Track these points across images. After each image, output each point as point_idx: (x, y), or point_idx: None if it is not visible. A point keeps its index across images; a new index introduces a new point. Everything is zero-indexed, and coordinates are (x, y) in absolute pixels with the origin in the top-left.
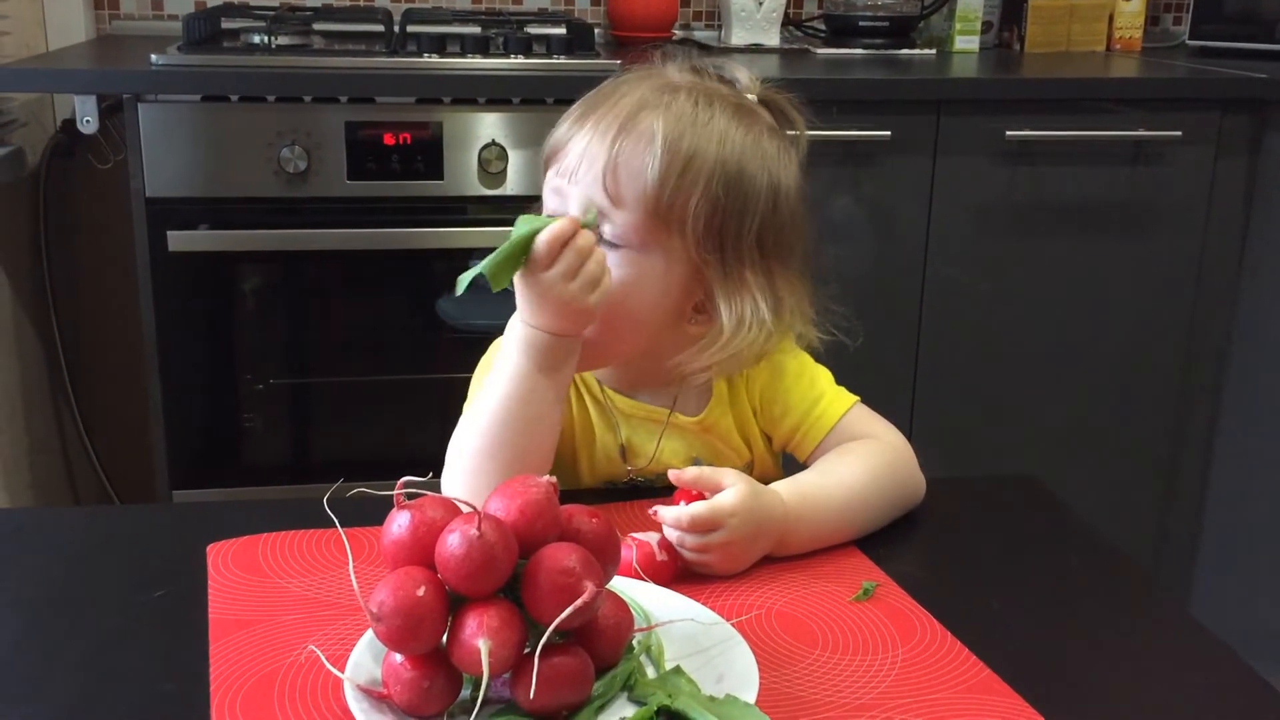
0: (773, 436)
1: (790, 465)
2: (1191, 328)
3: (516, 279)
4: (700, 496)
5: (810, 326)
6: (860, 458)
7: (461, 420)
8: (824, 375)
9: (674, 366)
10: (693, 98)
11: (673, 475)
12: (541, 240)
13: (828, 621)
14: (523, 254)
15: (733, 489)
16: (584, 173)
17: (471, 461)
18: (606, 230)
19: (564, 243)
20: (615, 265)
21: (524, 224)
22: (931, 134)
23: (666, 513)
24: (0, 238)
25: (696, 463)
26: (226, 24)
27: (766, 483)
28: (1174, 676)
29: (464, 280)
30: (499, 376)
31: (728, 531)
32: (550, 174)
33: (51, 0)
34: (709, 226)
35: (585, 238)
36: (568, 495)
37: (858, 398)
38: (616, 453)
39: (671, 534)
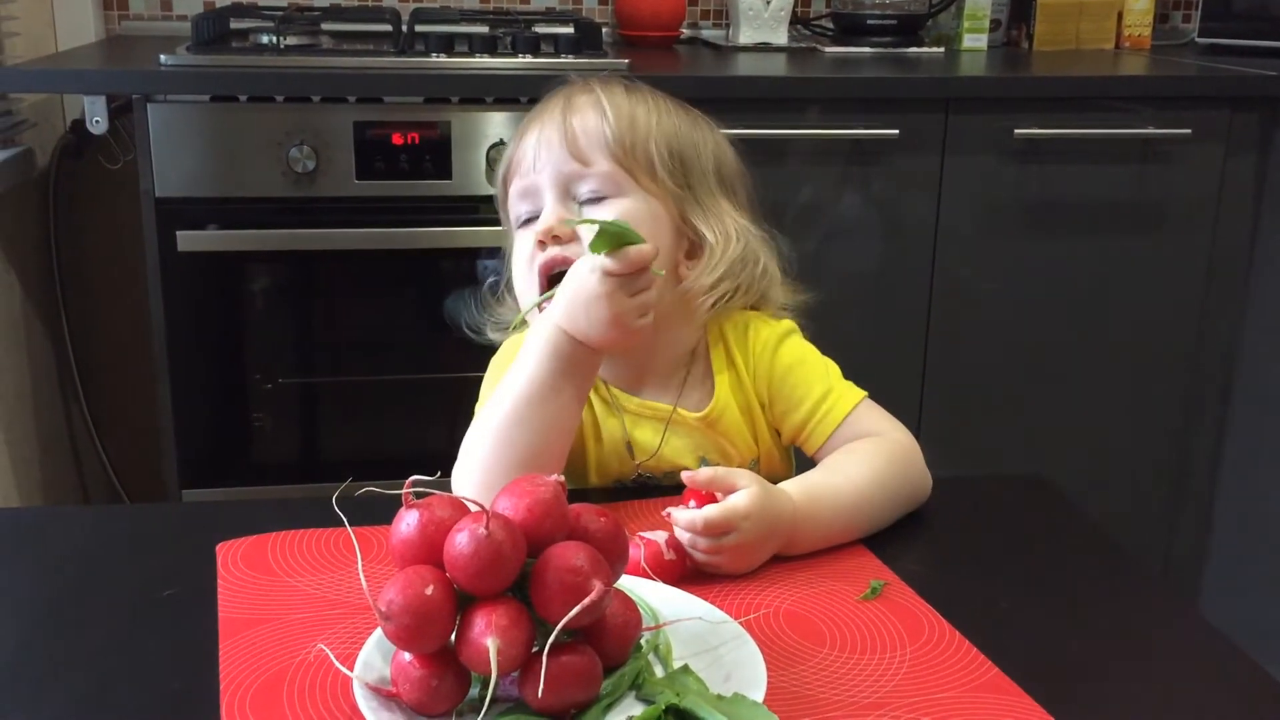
0: (782, 431)
1: (800, 460)
2: (1201, 326)
3: (585, 273)
4: (712, 497)
5: (787, 291)
6: (868, 456)
7: (475, 421)
8: (833, 369)
9: (681, 299)
10: (615, 82)
11: (685, 476)
12: (631, 250)
13: (836, 620)
14: (609, 247)
15: (745, 491)
16: (545, 158)
17: (483, 461)
18: (584, 189)
19: (644, 265)
20: (617, 210)
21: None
22: (940, 132)
23: (680, 515)
24: (10, 237)
25: (705, 463)
26: (235, 24)
27: (774, 479)
28: (1183, 676)
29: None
30: (517, 377)
31: (740, 534)
32: (513, 186)
33: (61, 1)
34: (672, 159)
35: (651, 275)
36: (576, 494)
37: (865, 392)
38: (624, 449)
39: (683, 535)
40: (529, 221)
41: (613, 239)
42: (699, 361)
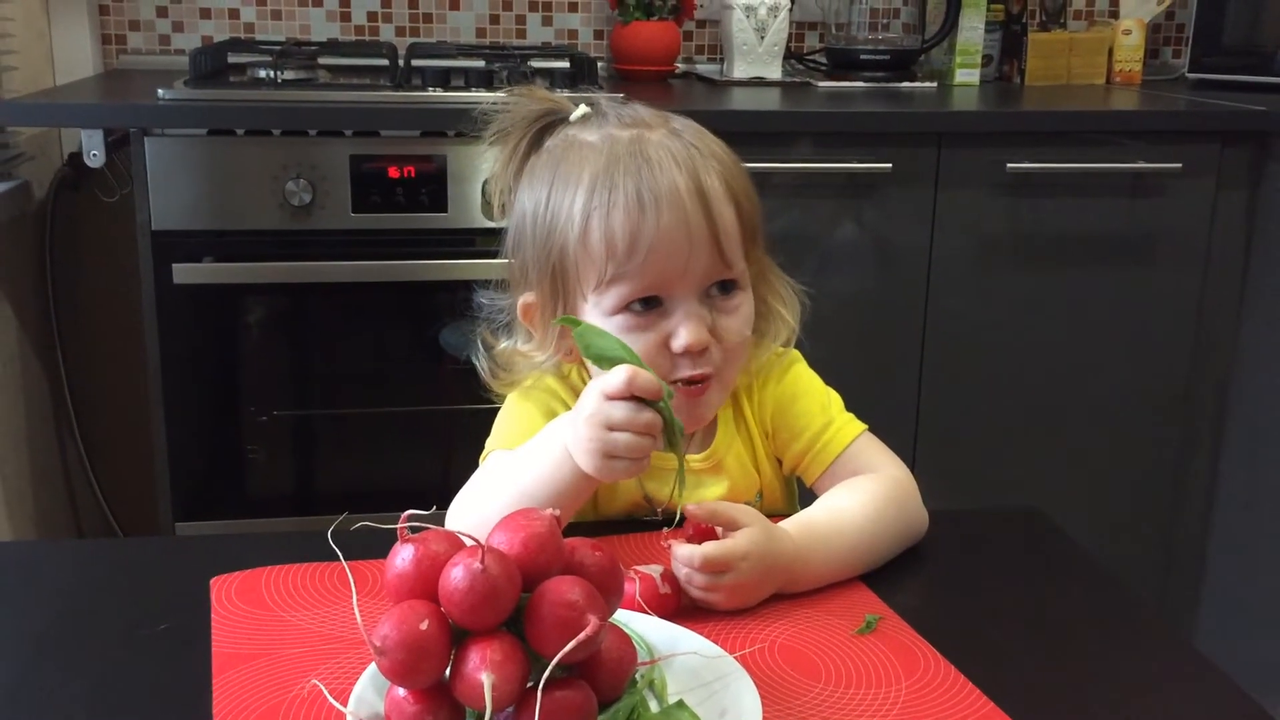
0: (783, 460)
1: (800, 491)
2: (1193, 360)
3: (592, 389)
4: (713, 532)
5: (795, 317)
6: (868, 495)
7: (484, 473)
8: (835, 400)
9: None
10: (677, 134)
11: (688, 509)
12: (637, 372)
13: (831, 655)
14: (604, 361)
15: (746, 531)
16: (694, 257)
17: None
18: (716, 287)
19: (639, 395)
20: (743, 306)
21: (617, 345)
22: (932, 166)
23: (679, 550)
24: (7, 270)
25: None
26: (233, 59)
27: (776, 511)
28: (1178, 710)
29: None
30: (539, 453)
31: (737, 574)
32: (622, 266)
33: (59, 36)
34: (758, 226)
35: (653, 414)
36: (584, 527)
37: (866, 426)
38: (640, 500)
39: (680, 570)
40: (635, 305)
41: (614, 352)
42: None
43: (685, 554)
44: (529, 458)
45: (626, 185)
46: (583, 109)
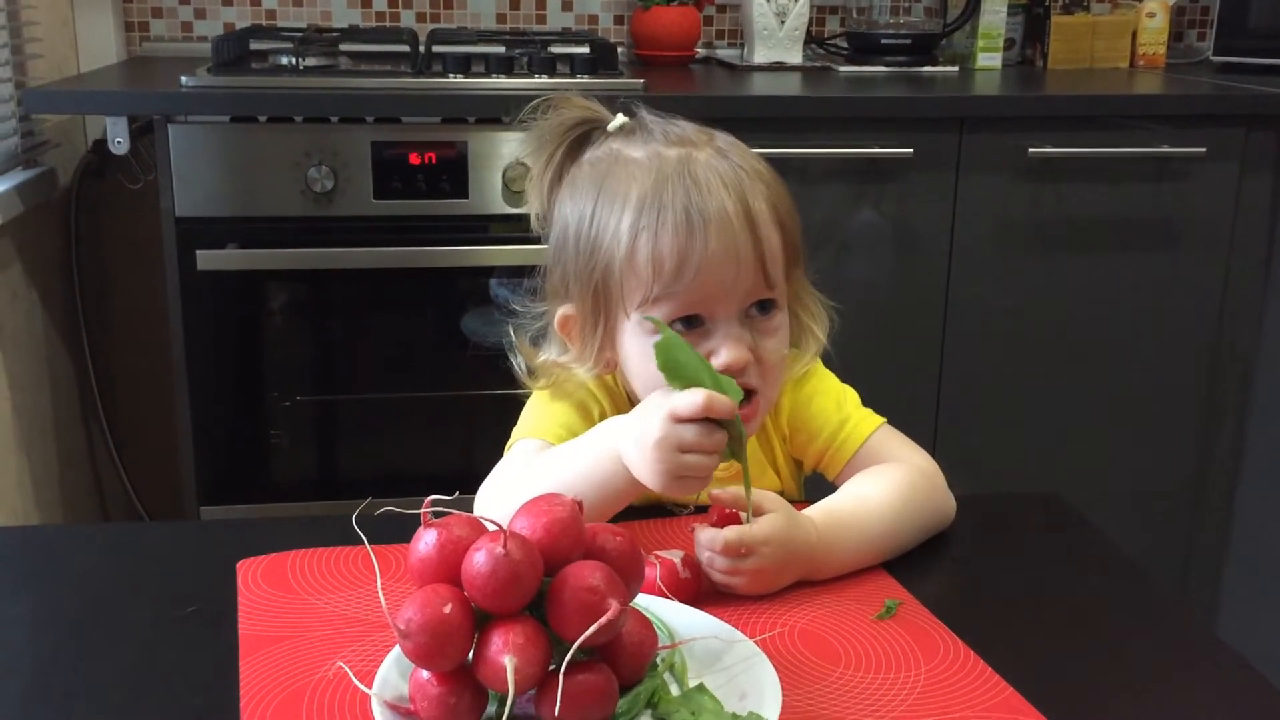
0: (804, 461)
1: (820, 486)
2: (1217, 345)
3: (653, 407)
4: (735, 517)
5: (824, 332)
6: (891, 483)
7: (519, 464)
8: (851, 396)
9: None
10: (723, 154)
11: (712, 494)
12: (713, 397)
13: (850, 639)
14: (678, 378)
15: (769, 517)
16: (737, 277)
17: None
18: (756, 307)
19: (712, 417)
20: (782, 326)
21: (697, 362)
22: (954, 151)
23: (701, 534)
24: (32, 257)
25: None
26: (255, 46)
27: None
28: (1199, 697)
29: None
30: (588, 457)
31: (759, 559)
32: (669, 286)
33: (83, 23)
34: (800, 248)
35: (721, 436)
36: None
37: (884, 419)
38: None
39: (703, 554)
40: (677, 324)
41: (692, 371)
42: None
43: (707, 537)
44: (576, 459)
45: (675, 206)
46: (620, 119)
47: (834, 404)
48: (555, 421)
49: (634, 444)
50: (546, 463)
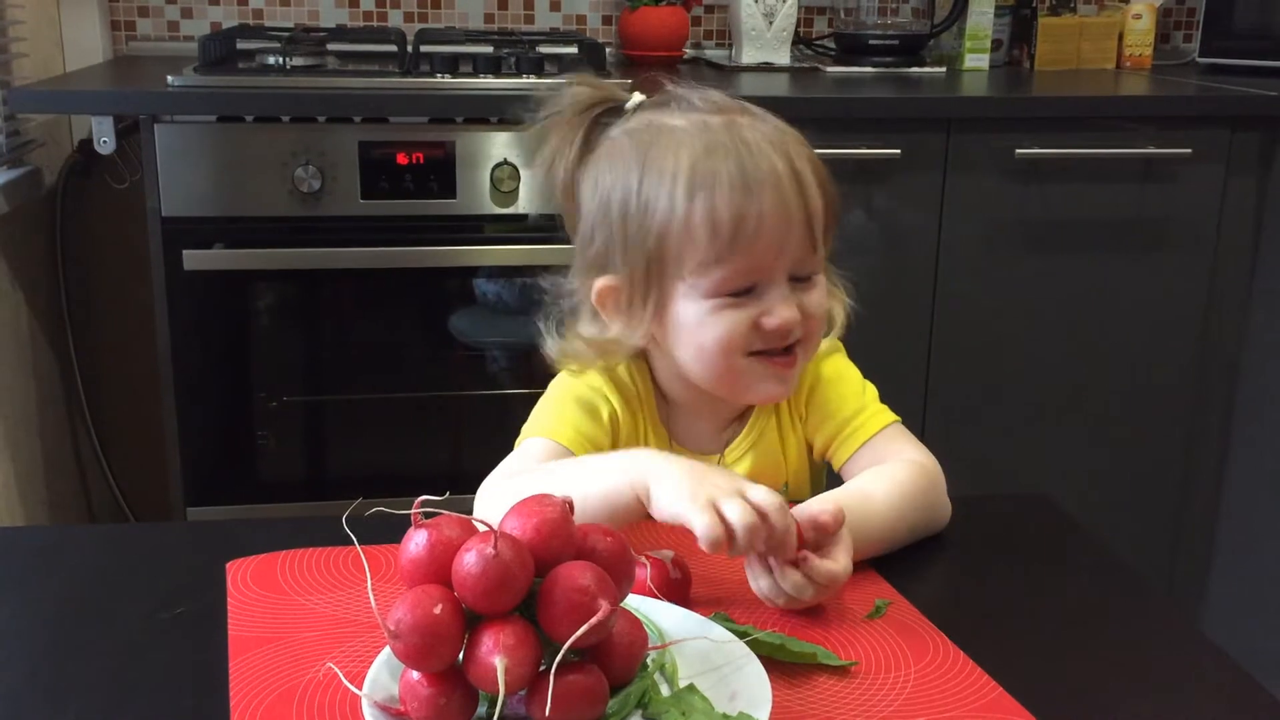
0: (814, 444)
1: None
2: (1203, 345)
3: (724, 479)
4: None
5: (844, 307)
6: (893, 480)
7: (528, 467)
8: (871, 391)
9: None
10: (764, 118)
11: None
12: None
13: (840, 639)
14: None
15: (844, 558)
16: (788, 239)
17: None
18: (802, 270)
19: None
20: (821, 284)
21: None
22: (941, 152)
23: (818, 567)
24: (18, 257)
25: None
26: (242, 45)
27: (799, 500)
28: (1186, 696)
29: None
30: (597, 471)
31: (817, 593)
32: (727, 247)
33: (69, 22)
34: (838, 212)
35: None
36: None
37: (898, 417)
38: None
39: (763, 584)
40: (736, 293)
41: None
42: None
43: (826, 573)
44: (594, 480)
45: (730, 168)
46: (637, 97)
47: (853, 392)
48: (566, 423)
49: (678, 483)
50: (561, 474)
